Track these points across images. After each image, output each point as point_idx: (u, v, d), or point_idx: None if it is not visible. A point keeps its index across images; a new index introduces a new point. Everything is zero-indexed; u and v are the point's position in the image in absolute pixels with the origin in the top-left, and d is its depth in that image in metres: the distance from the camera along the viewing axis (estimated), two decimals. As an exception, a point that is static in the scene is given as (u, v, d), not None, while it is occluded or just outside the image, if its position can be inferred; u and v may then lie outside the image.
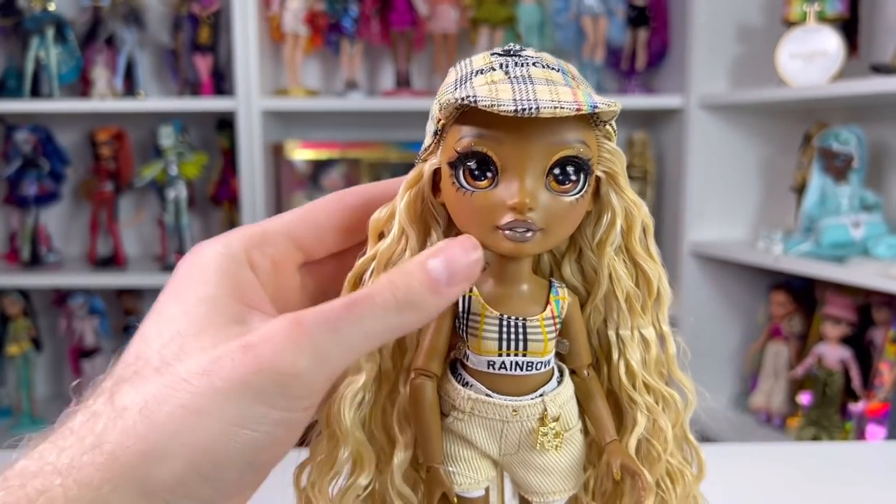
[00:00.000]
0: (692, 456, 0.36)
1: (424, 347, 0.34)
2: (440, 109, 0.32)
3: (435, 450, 0.34)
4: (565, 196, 0.31)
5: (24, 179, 1.74)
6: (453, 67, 0.34)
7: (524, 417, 0.33)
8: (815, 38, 1.42)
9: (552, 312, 0.33)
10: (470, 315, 0.33)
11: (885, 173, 1.51)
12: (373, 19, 1.72)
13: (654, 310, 0.35)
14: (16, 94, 1.73)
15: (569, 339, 0.34)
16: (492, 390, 0.33)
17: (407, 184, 0.34)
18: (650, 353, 0.35)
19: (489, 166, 0.31)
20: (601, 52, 1.73)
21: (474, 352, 0.33)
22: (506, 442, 0.34)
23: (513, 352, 0.33)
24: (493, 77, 0.31)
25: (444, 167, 0.32)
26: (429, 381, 0.34)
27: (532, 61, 0.32)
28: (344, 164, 1.78)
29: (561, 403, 0.34)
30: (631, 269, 0.34)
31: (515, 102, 0.29)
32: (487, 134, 0.31)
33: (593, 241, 0.34)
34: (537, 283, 0.34)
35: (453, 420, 0.34)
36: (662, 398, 0.35)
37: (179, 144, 1.75)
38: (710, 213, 1.67)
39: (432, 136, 0.33)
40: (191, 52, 1.74)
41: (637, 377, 0.34)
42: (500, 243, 0.32)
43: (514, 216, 0.31)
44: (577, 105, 0.29)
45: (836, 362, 1.45)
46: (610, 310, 0.35)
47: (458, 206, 0.32)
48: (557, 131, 0.31)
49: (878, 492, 0.61)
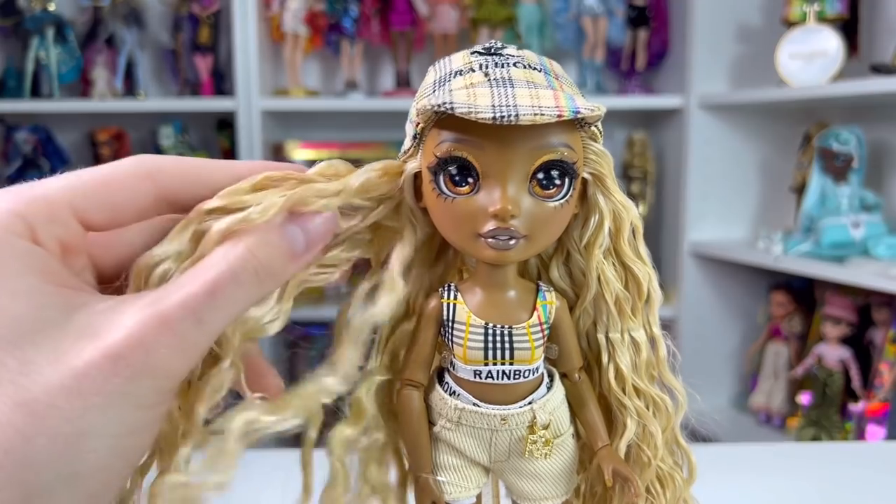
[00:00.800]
0: (683, 459, 0.36)
1: (411, 357, 0.34)
2: (417, 114, 0.31)
3: (424, 459, 0.33)
4: (549, 201, 0.30)
5: (24, 179, 1.73)
6: (433, 66, 0.33)
7: (513, 426, 0.33)
8: (815, 38, 1.42)
9: (539, 318, 0.33)
10: (455, 324, 0.32)
11: (885, 173, 1.51)
12: (373, 19, 1.72)
13: (644, 312, 0.34)
14: (16, 95, 1.73)
15: (558, 343, 0.34)
16: (479, 399, 0.33)
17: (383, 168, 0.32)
18: (640, 356, 0.34)
19: (470, 172, 0.30)
20: (601, 53, 1.73)
21: (460, 361, 0.33)
22: (495, 450, 0.34)
23: (499, 361, 0.32)
24: (472, 79, 0.30)
25: (424, 172, 0.31)
26: (415, 391, 0.34)
27: (513, 61, 0.31)
28: (344, 165, 1.78)
29: (551, 410, 0.34)
30: (620, 272, 0.34)
31: (494, 109, 0.28)
32: (467, 139, 0.30)
33: (581, 244, 0.34)
34: (524, 288, 0.33)
35: (441, 429, 0.34)
36: (653, 402, 0.34)
37: (179, 144, 1.74)
38: (710, 213, 1.67)
39: (411, 139, 0.32)
40: (191, 52, 1.74)
41: (627, 381, 0.34)
42: (482, 251, 0.31)
43: (497, 224, 0.30)
44: (559, 111, 0.28)
45: (836, 362, 1.45)
46: (599, 313, 0.34)
47: (439, 213, 0.31)
48: (540, 135, 0.30)
49: (878, 492, 0.61)
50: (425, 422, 0.34)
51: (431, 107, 0.29)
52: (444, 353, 0.34)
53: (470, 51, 0.32)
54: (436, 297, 0.33)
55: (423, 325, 0.33)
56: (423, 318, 0.33)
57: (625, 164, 1.78)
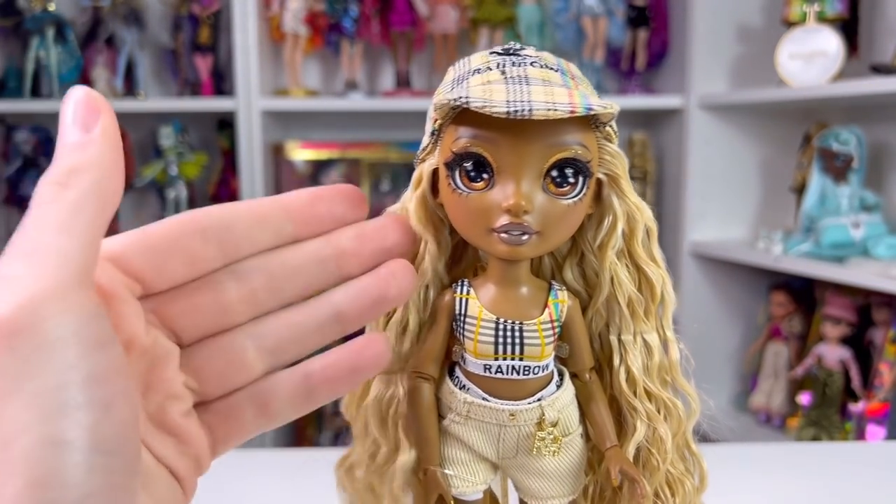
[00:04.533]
0: (694, 466, 0.36)
1: (422, 349, 0.34)
2: (435, 110, 0.31)
3: (432, 452, 0.34)
4: (563, 199, 0.31)
5: (25, 180, 1.74)
6: (452, 66, 0.34)
7: (521, 422, 0.33)
8: (815, 38, 1.42)
9: (550, 316, 0.33)
10: (466, 318, 0.33)
11: (885, 173, 1.51)
12: (373, 19, 1.72)
13: (657, 315, 0.34)
14: (16, 95, 1.73)
15: (569, 342, 0.34)
16: (489, 394, 0.33)
17: (413, 185, 0.33)
18: (653, 359, 0.34)
19: (485, 168, 0.30)
20: (601, 53, 1.73)
21: (470, 355, 0.33)
22: (503, 446, 0.34)
23: (509, 356, 0.32)
24: (489, 77, 0.30)
25: (441, 168, 0.32)
26: (426, 383, 0.34)
27: (530, 61, 0.31)
28: (344, 165, 1.78)
29: (560, 408, 0.34)
30: (633, 274, 0.34)
31: (508, 104, 0.28)
32: (483, 135, 0.30)
33: (595, 245, 0.34)
34: (536, 285, 0.34)
35: (450, 423, 0.34)
36: (664, 406, 0.34)
37: (179, 144, 1.74)
38: (710, 213, 1.67)
39: (429, 136, 0.33)
40: (191, 52, 1.74)
41: (638, 384, 0.34)
42: (495, 246, 0.31)
43: (510, 219, 0.30)
44: (572, 107, 0.28)
45: (836, 362, 1.45)
46: (612, 314, 0.34)
47: (454, 208, 0.32)
48: (555, 133, 0.30)
49: (878, 492, 0.61)
50: (434, 415, 0.34)
51: (448, 101, 0.29)
52: (455, 348, 0.34)
53: (489, 51, 0.32)
54: (449, 292, 0.34)
55: (435, 319, 0.34)
56: (436, 311, 0.34)
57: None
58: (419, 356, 0.34)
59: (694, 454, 0.35)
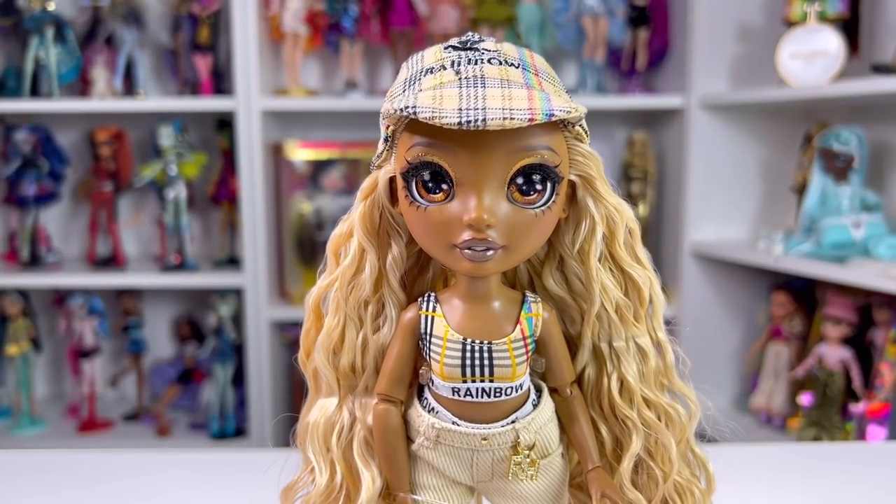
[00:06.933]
0: (700, 469, 0.34)
1: (386, 371, 0.32)
2: (384, 118, 0.29)
3: (401, 477, 0.32)
4: (530, 208, 0.28)
5: (24, 179, 1.74)
6: (405, 63, 0.32)
7: (495, 446, 0.31)
8: (816, 38, 1.42)
9: (523, 332, 0.31)
10: (432, 337, 0.31)
11: (886, 173, 1.51)
12: (373, 19, 1.72)
13: (648, 317, 0.33)
14: (15, 94, 1.72)
15: (546, 357, 0.32)
16: (459, 417, 0.31)
17: (362, 193, 0.31)
18: (648, 363, 0.32)
19: (443, 178, 0.28)
20: (601, 52, 1.73)
21: (437, 377, 0.31)
22: (477, 470, 0.32)
23: (478, 378, 0.30)
24: (441, 78, 0.28)
25: (398, 177, 0.29)
26: (392, 406, 0.32)
27: (488, 57, 0.29)
28: (344, 164, 1.78)
29: (537, 429, 0.32)
30: (619, 278, 0.32)
31: (460, 113, 0.25)
32: (438, 143, 0.27)
33: (574, 249, 0.32)
34: (508, 299, 0.31)
35: (419, 447, 0.32)
36: (665, 413, 0.33)
37: (179, 144, 1.74)
38: (710, 213, 1.67)
39: (383, 142, 0.30)
40: (190, 51, 1.74)
41: (636, 393, 0.32)
42: (458, 263, 0.29)
43: (472, 234, 0.28)
44: (531, 113, 0.26)
45: (837, 363, 1.45)
46: (601, 321, 0.32)
47: (413, 222, 0.29)
48: (518, 137, 0.27)
49: (878, 492, 0.61)
50: (402, 439, 0.32)
51: (395, 111, 0.27)
52: (422, 369, 0.32)
53: (444, 45, 0.30)
54: (413, 308, 0.31)
55: (398, 338, 0.31)
56: (398, 329, 0.32)
57: (625, 164, 1.78)
58: (383, 378, 0.32)
59: (698, 457, 0.34)
